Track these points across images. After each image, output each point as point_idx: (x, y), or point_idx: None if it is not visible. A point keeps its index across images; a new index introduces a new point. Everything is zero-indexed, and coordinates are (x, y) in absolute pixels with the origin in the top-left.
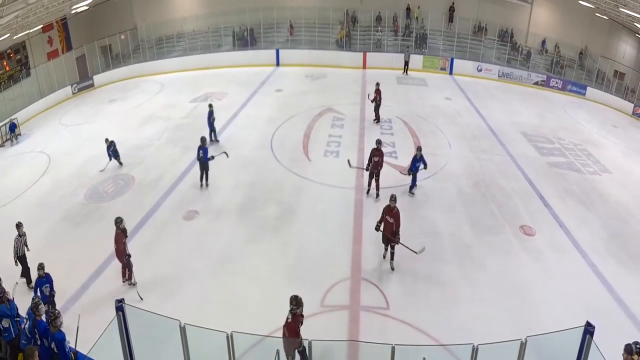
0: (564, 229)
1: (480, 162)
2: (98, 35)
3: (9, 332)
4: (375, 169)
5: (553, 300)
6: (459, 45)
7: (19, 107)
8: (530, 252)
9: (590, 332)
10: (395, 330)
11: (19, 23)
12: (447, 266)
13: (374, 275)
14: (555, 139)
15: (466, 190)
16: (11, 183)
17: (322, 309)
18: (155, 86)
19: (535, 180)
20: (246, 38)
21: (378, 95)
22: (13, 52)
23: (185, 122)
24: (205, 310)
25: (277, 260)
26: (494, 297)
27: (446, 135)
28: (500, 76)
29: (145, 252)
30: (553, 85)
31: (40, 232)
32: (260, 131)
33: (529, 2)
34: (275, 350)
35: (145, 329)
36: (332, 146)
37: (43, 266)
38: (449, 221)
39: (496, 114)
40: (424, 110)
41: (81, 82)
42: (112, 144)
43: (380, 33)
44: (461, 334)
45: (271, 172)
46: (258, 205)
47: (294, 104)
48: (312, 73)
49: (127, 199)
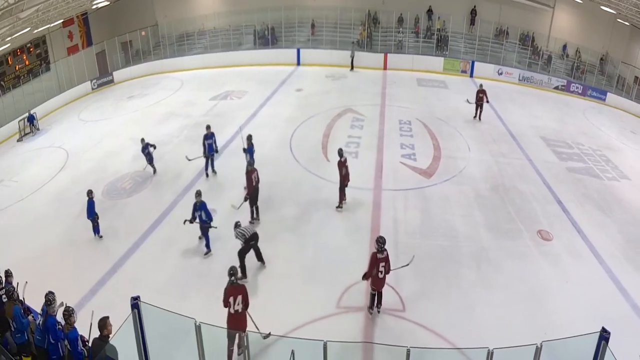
0: (582, 235)
1: (499, 166)
2: (118, 31)
3: (21, 334)
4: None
5: (569, 305)
6: (480, 48)
7: (38, 101)
8: (547, 257)
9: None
10: (410, 333)
11: (40, 17)
12: (464, 269)
13: (390, 277)
14: (575, 144)
15: (484, 194)
16: (29, 178)
17: (337, 310)
18: (175, 83)
19: (554, 185)
20: (267, 37)
21: (484, 95)
22: (33, 46)
23: (204, 119)
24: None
25: (294, 260)
26: (510, 301)
27: (465, 139)
28: (521, 80)
29: (161, 250)
30: (573, 90)
31: (58, 228)
32: (279, 130)
33: (551, 7)
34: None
35: (160, 327)
36: (351, 147)
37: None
38: (467, 224)
39: (516, 118)
40: (444, 113)
41: (101, 77)
42: (146, 147)
43: (401, 34)
44: (476, 338)
45: (290, 171)
46: (276, 204)
47: (314, 103)
48: (333, 73)
49: (145, 196)
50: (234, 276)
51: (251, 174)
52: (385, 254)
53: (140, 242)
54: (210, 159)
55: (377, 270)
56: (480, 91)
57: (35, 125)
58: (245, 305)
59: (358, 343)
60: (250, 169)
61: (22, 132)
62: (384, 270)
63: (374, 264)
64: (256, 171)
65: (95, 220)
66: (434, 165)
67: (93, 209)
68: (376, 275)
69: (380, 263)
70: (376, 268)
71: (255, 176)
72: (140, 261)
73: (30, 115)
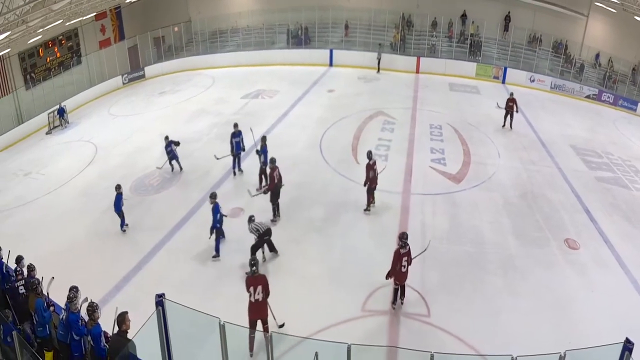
0: (609, 245)
1: (528, 173)
2: (151, 26)
3: (44, 328)
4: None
5: (594, 315)
6: (512, 55)
7: (68, 94)
8: (573, 266)
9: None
10: (434, 338)
11: (72, 10)
12: (490, 276)
13: (416, 281)
14: (604, 154)
15: (513, 201)
16: (57, 171)
17: (362, 313)
18: (206, 80)
19: (582, 194)
20: (300, 37)
21: (514, 104)
22: (65, 38)
23: (235, 118)
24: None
25: (321, 261)
26: (536, 309)
27: (496, 145)
28: (553, 88)
29: (187, 249)
30: (604, 100)
31: (85, 222)
32: (310, 131)
33: (585, 15)
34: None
35: (184, 325)
36: (381, 150)
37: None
38: (494, 231)
39: (547, 126)
40: (475, 119)
41: (132, 72)
42: (169, 144)
43: (435, 38)
44: (501, 345)
45: (319, 172)
46: (305, 205)
47: (345, 105)
48: (365, 75)
49: (172, 193)
50: (255, 267)
51: (273, 171)
52: (407, 249)
53: (166, 239)
54: (237, 158)
55: (400, 264)
56: (510, 99)
57: (65, 118)
58: (266, 294)
59: (382, 347)
60: (272, 167)
61: (52, 125)
62: (407, 264)
63: (397, 260)
64: (277, 169)
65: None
66: (464, 171)
67: (120, 203)
68: (399, 270)
69: (403, 258)
70: (399, 263)
71: (277, 174)
72: (166, 258)
73: (61, 108)
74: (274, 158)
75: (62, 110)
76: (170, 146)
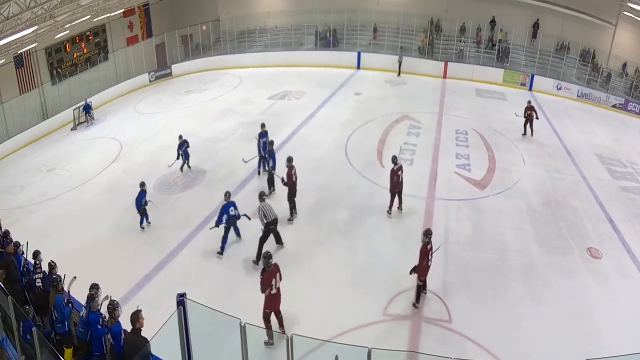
0: (631, 254)
1: (552, 181)
2: (179, 24)
3: (62, 324)
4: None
5: (616, 325)
6: (540, 62)
7: (94, 90)
8: (595, 275)
9: None
10: (455, 344)
11: (100, 5)
12: (512, 283)
13: (438, 287)
14: (629, 164)
15: (537, 208)
16: (82, 167)
17: (384, 317)
18: (233, 80)
19: (606, 203)
20: (328, 38)
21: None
22: (92, 34)
23: (261, 118)
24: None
25: (343, 265)
26: (557, 317)
27: (521, 152)
28: (579, 96)
29: (210, 249)
30: (631, 109)
31: (108, 219)
32: (336, 134)
33: (613, 24)
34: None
35: (204, 325)
36: (407, 154)
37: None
38: (517, 238)
39: (572, 134)
40: (501, 125)
41: (159, 70)
42: (184, 143)
43: (463, 44)
44: (521, 352)
45: (344, 175)
46: (329, 207)
47: (372, 108)
48: (392, 78)
49: (196, 192)
50: (270, 259)
51: (290, 170)
52: (431, 244)
53: (189, 238)
54: (263, 158)
55: (427, 260)
56: (529, 107)
57: (90, 115)
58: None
59: (402, 352)
60: (289, 165)
61: (77, 121)
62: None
63: (424, 255)
64: (294, 168)
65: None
66: (488, 177)
67: (142, 200)
68: (426, 265)
69: (430, 253)
70: (426, 258)
71: (294, 172)
72: (189, 258)
73: (87, 104)
74: (290, 157)
75: (88, 106)
76: (184, 146)
